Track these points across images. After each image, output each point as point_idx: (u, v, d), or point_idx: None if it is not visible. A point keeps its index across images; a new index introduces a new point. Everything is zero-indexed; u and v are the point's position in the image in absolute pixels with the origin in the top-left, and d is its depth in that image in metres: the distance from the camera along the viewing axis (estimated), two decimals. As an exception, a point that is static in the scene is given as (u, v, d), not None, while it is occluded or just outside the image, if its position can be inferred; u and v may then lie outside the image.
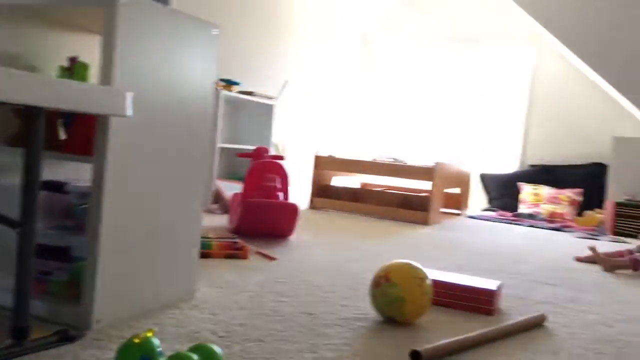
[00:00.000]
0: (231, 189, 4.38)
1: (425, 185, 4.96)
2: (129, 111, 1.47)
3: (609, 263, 3.27)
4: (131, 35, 1.56)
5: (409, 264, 1.88)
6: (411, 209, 4.85)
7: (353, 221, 4.51)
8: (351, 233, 3.85)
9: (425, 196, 4.85)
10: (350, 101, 7.28)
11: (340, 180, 5.73)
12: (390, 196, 5.13)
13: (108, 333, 1.52)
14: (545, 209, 5.82)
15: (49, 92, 1.25)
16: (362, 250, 3.19)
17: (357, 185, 6.09)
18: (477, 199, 6.49)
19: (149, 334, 1.06)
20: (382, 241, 3.63)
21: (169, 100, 1.74)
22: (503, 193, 6.32)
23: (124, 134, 1.57)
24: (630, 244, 3.76)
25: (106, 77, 1.52)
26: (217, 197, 4.36)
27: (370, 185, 6.15)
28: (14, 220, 1.32)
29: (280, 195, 3.37)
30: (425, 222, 4.65)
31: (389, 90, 7.33)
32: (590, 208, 5.71)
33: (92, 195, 1.55)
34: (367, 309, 1.97)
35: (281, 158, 3.62)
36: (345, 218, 4.67)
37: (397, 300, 1.80)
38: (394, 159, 5.49)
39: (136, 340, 1.04)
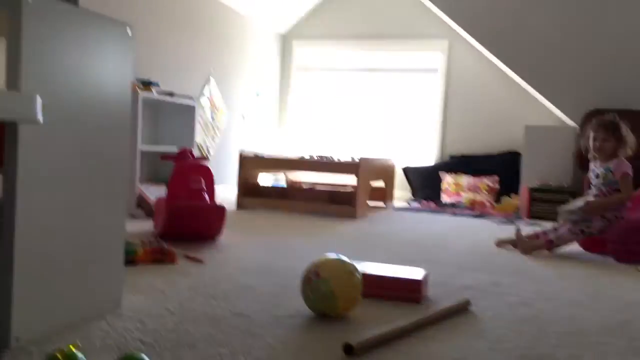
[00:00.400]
0: (155, 192, 4.26)
1: (351, 179, 5.03)
2: (39, 116, 1.40)
3: (526, 245, 3.45)
4: (38, 36, 1.49)
5: (338, 259, 1.90)
6: (338, 203, 4.91)
7: (282, 219, 4.50)
8: (280, 231, 3.85)
9: (352, 191, 4.91)
10: (273, 100, 7.26)
11: (267, 179, 5.71)
12: (317, 192, 5.16)
13: (28, 350, 1.44)
14: (466, 197, 6.05)
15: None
16: (292, 248, 3.20)
17: (284, 184, 6.09)
18: (402, 191, 6.66)
19: (73, 348, 1.02)
20: (312, 237, 3.65)
21: (82, 103, 1.67)
22: (426, 184, 6.51)
23: (35, 141, 1.49)
24: (545, 226, 3.97)
25: (12, 81, 1.43)
26: (141, 202, 4.24)
27: (298, 182, 6.16)
28: None
29: (205, 196, 3.32)
30: (352, 216, 4.72)
31: (309, 89, 7.37)
32: (507, 195, 5.99)
33: (3, 207, 1.46)
34: (299, 306, 1.97)
35: (205, 159, 3.56)
36: (274, 216, 4.66)
37: (328, 295, 1.82)
38: (319, 155, 5.53)
39: (59, 355, 0.99)
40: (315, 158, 5.29)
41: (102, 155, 1.77)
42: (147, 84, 4.36)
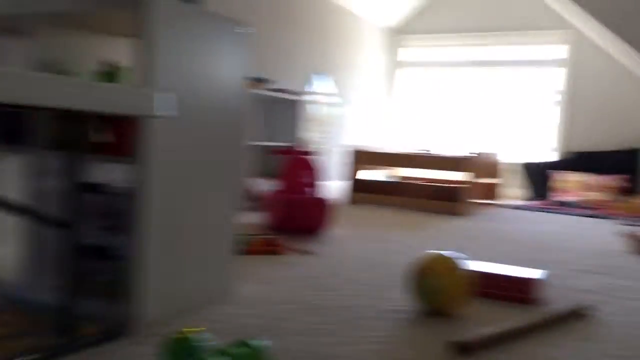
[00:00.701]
0: (264, 186, 4.41)
1: (461, 176, 4.92)
2: (171, 111, 1.50)
3: None
4: (164, 37, 1.59)
5: (449, 255, 1.87)
6: (447, 200, 4.81)
7: (391, 214, 4.50)
8: (389, 226, 3.84)
9: (461, 187, 4.80)
10: (381, 94, 7.24)
11: (377, 174, 5.72)
12: (426, 188, 5.09)
13: (154, 330, 1.55)
14: (587, 196, 5.69)
15: (85, 95, 1.28)
16: (400, 243, 3.18)
17: (393, 179, 6.06)
18: (515, 188, 6.39)
19: (197, 329, 1.08)
20: (420, 233, 3.60)
21: (203, 99, 1.77)
22: (542, 181, 6.21)
23: (162, 134, 1.60)
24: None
25: (149, 79, 1.54)
26: (251, 195, 4.40)
27: (408, 178, 6.12)
28: (60, 221, 1.36)
29: (314, 190, 3.38)
30: (462, 213, 4.61)
31: (418, 83, 7.26)
32: (632, 194, 5.56)
33: (134, 196, 1.58)
34: (407, 301, 1.96)
35: (314, 154, 3.62)
36: (383, 211, 4.66)
37: (437, 291, 1.79)
38: (429, 150, 5.45)
39: (184, 335, 1.06)
40: (426, 154, 5.22)
41: (218, 149, 1.86)
42: (258, 81, 4.51)
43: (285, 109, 5.01)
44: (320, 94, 5.85)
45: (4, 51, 1.95)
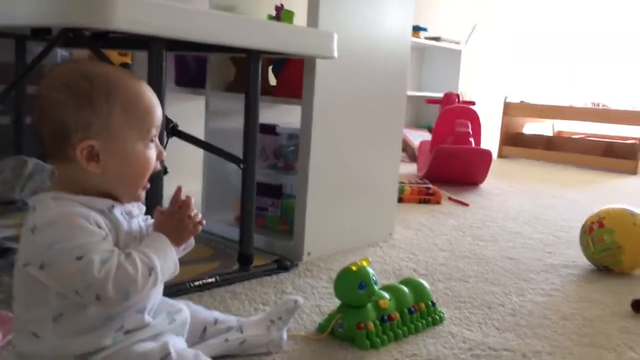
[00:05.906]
0: (417, 136, 4.35)
1: (634, 131, 4.48)
2: (334, 52, 1.52)
3: None
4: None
5: (627, 210, 1.72)
6: (617, 157, 4.42)
7: (548, 170, 4.25)
8: (547, 182, 3.63)
9: (635, 143, 4.37)
10: (544, 41, 6.73)
11: (532, 128, 5.40)
12: (591, 144, 4.72)
13: (317, 265, 1.62)
14: None
15: (265, 34, 1.33)
16: (561, 199, 3.00)
17: (550, 133, 5.69)
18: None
19: (365, 263, 1.11)
20: (583, 190, 3.37)
21: (369, 46, 1.76)
22: None
23: (328, 78, 1.62)
24: None
25: (312, 21, 1.57)
26: (404, 145, 4.37)
27: (566, 132, 5.70)
28: (239, 159, 1.44)
29: (470, 141, 3.27)
30: (634, 172, 4.22)
31: (589, 26, 6.62)
32: None
33: (301, 137, 1.63)
34: (575, 257, 1.85)
35: (472, 103, 3.50)
36: (539, 167, 4.42)
37: (612, 247, 1.67)
38: (595, 103, 5.02)
39: (354, 268, 1.09)
40: (590, 106, 4.82)
41: (382, 96, 1.86)
42: (415, 29, 4.40)
43: (441, 59, 4.86)
44: (479, 43, 5.58)
45: (186, -1, 2.08)
